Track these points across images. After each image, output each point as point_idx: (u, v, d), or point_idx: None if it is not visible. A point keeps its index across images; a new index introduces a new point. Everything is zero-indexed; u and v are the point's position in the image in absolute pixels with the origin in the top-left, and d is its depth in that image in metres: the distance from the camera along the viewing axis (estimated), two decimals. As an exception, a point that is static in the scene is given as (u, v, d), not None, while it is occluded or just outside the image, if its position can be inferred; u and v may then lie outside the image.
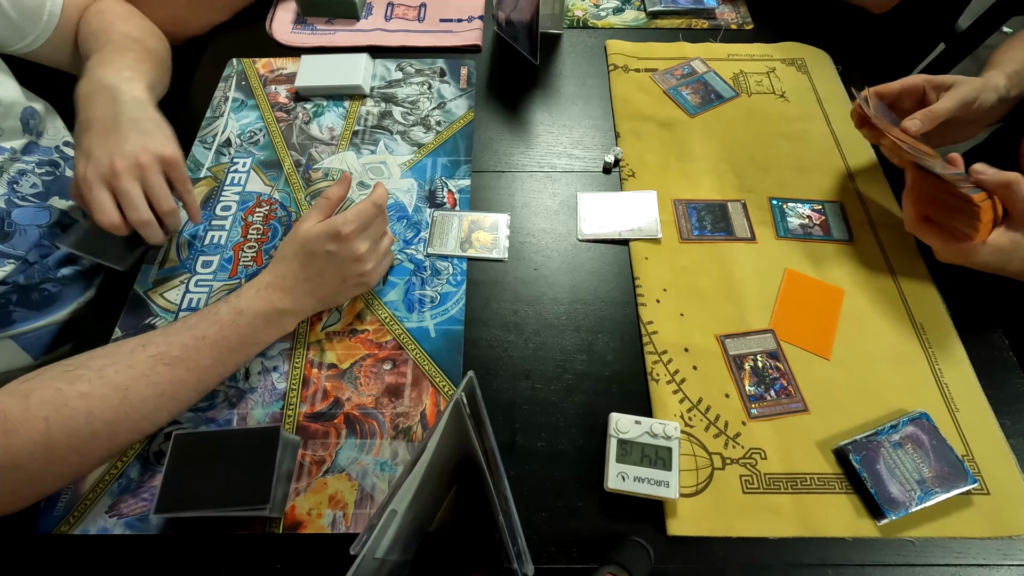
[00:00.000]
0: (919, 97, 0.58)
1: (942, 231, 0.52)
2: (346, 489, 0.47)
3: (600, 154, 0.68)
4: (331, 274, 0.50)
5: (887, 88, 0.59)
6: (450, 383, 0.52)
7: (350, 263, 0.50)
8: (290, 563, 0.44)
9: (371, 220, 0.50)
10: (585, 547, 0.45)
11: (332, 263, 0.49)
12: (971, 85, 0.56)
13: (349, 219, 0.48)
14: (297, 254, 0.49)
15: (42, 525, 0.45)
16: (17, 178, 0.55)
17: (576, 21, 0.82)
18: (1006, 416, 0.50)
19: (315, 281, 0.50)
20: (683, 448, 0.48)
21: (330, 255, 0.49)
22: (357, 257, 0.50)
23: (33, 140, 0.58)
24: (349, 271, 0.50)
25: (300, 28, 0.80)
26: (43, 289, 0.57)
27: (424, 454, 0.33)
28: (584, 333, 0.55)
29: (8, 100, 0.55)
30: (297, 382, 0.52)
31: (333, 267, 0.50)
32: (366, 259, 0.51)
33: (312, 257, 0.49)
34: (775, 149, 0.67)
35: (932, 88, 0.57)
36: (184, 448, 0.44)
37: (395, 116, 0.71)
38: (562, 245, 0.61)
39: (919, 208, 0.54)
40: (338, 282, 0.51)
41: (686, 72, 0.75)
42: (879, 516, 0.45)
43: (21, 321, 0.56)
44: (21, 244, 0.54)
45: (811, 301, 0.56)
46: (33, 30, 0.58)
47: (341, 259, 0.49)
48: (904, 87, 0.58)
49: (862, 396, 0.51)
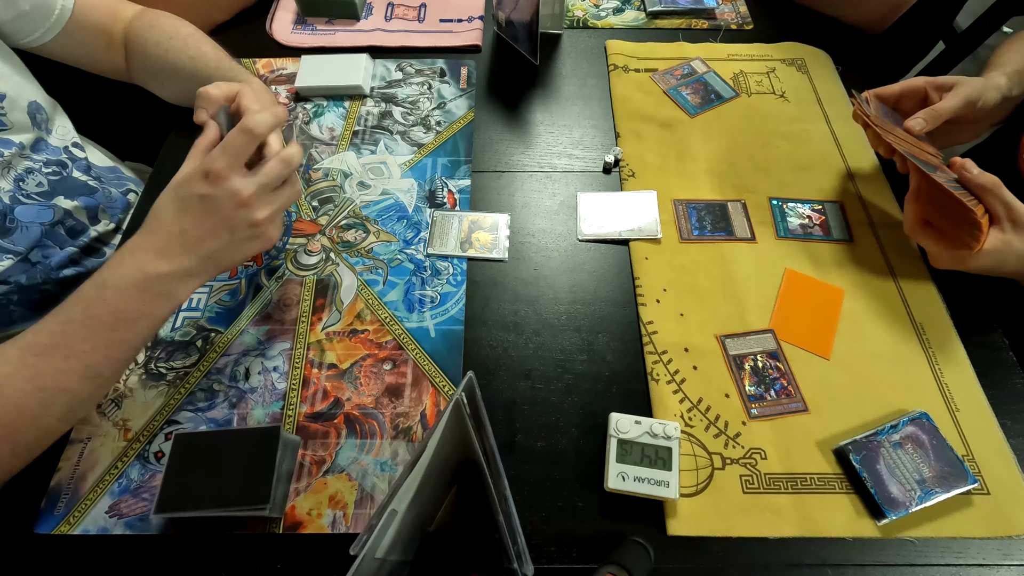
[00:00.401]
0: (920, 99, 0.58)
1: (941, 237, 0.52)
2: (346, 489, 0.47)
3: (600, 154, 0.68)
4: (213, 224, 0.42)
5: (887, 90, 0.59)
6: (450, 383, 0.52)
7: (232, 209, 0.42)
8: (290, 563, 0.44)
9: (244, 151, 0.42)
10: (585, 547, 0.45)
11: (210, 210, 0.42)
12: (974, 84, 0.56)
13: (216, 154, 0.41)
14: (166, 206, 0.42)
15: (42, 525, 0.45)
16: (24, 176, 0.55)
17: (576, 21, 0.82)
18: (1006, 416, 0.50)
19: (192, 235, 0.42)
20: (683, 448, 0.48)
21: (204, 200, 0.41)
22: (240, 201, 0.42)
23: (42, 136, 0.58)
24: (236, 220, 0.43)
25: (300, 28, 0.80)
26: (44, 290, 0.57)
27: (424, 454, 0.33)
28: (584, 333, 0.55)
29: (13, 93, 0.55)
30: (297, 382, 0.52)
31: (213, 216, 0.42)
32: (253, 204, 0.43)
33: (184, 206, 0.42)
34: (775, 149, 0.67)
35: (934, 89, 0.57)
36: (184, 448, 0.44)
37: (395, 116, 0.71)
38: (562, 245, 0.61)
39: (921, 212, 0.54)
40: (225, 234, 0.43)
41: (686, 72, 0.75)
42: (879, 516, 0.45)
43: (21, 321, 0.56)
44: (21, 241, 0.54)
45: (811, 301, 0.56)
46: (44, 23, 0.57)
47: (219, 204, 0.42)
48: (905, 89, 0.58)
49: (862, 396, 0.51)
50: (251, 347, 0.54)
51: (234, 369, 0.52)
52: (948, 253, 0.51)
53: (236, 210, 0.42)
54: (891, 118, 0.57)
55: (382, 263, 0.59)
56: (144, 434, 0.49)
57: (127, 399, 0.51)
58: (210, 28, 0.79)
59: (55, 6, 0.57)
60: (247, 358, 0.53)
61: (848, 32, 0.79)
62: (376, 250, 0.60)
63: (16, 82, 0.57)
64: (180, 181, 0.42)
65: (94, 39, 0.62)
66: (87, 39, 0.62)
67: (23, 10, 0.55)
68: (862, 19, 0.78)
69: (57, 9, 0.57)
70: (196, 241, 0.42)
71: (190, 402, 0.51)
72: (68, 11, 0.58)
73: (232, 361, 0.53)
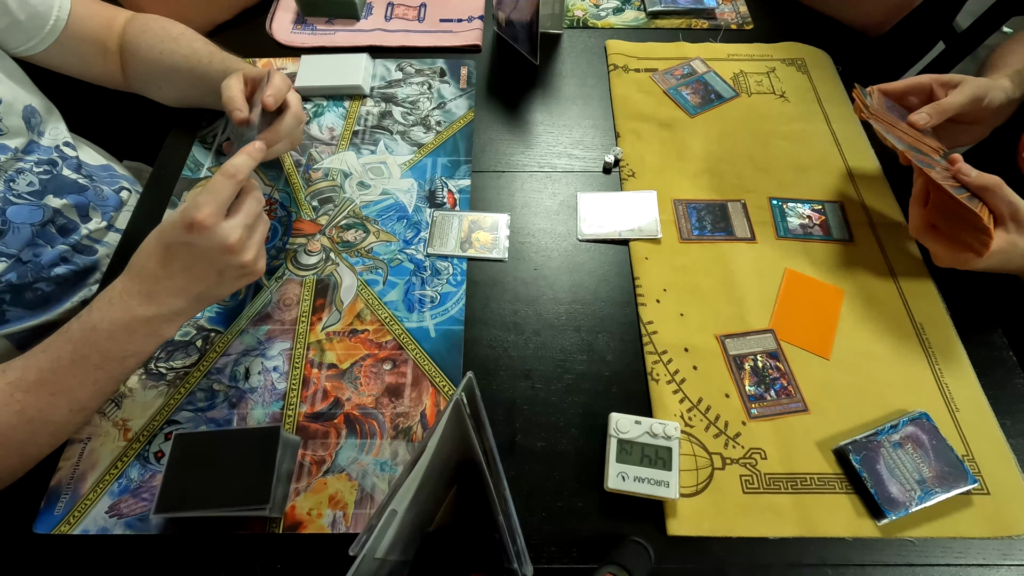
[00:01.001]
0: (926, 96, 0.58)
1: (947, 239, 0.52)
2: (346, 489, 0.47)
3: (600, 154, 0.68)
4: (201, 270, 0.43)
5: (893, 86, 0.59)
6: (450, 383, 0.52)
7: (220, 255, 0.43)
8: (290, 563, 0.44)
9: (228, 197, 0.43)
10: (585, 547, 0.44)
11: (196, 257, 0.43)
12: (980, 83, 0.56)
13: (200, 202, 0.41)
14: (152, 252, 0.43)
15: (42, 525, 0.45)
16: (14, 176, 0.55)
17: (576, 21, 0.82)
18: (1006, 416, 0.50)
19: (180, 279, 0.43)
20: (683, 448, 0.48)
21: (190, 248, 0.42)
22: (227, 248, 0.42)
23: (34, 139, 0.58)
24: (224, 263, 0.44)
25: (300, 28, 0.80)
26: (37, 288, 0.57)
27: (424, 454, 0.33)
28: (584, 333, 0.55)
29: (9, 98, 0.55)
30: (297, 382, 0.52)
31: (200, 262, 0.43)
32: (240, 249, 0.43)
33: (169, 252, 0.43)
34: (775, 149, 0.67)
35: (940, 86, 0.57)
36: (184, 448, 0.44)
37: (395, 116, 0.71)
38: (562, 245, 0.61)
39: (926, 216, 0.54)
40: (214, 276, 0.44)
41: (686, 72, 0.75)
42: (879, 516, 0.45)
43: (15, 320, 0.56)
44: (14, 242, 0.54)
45: (811, 301, 0.56)
46: (38, 33, 0.57)
47: (205, 251, 0.42)
48: (910, 85, 0.58)
49: (862, 396, 0.51)
50: (251, 347, 0.54)
51: (234, 369, 0.52)
52: (953, 255, 0.51)
53: (223, 255, 0.43)
54: (896, 112, 0.57)
55: (382, 263, 0.59)
56: (144, 434, 0.49)
57: (127, 399, 0.51)
58: (210, 28, 0.79)
59: (50, 16, 0.57)
60: (247, 358, 0.53)
61: (848, 32, 0.79)
62: (376, 250, 0.60)
63: (11, 87, 0.57)
64: (166, 227, 0.43)
65: (89, 49, 0.62)
66: (82, 49, 0.62)
67: (18, 19, 0.55)
68: (863, 21, 0.78)
69: (52, 19, 0.58)
70: (184, 285, 0.44)
71: (190, 402, 0.51)
72: (63, 21, 0.58)
73: (232, 361, 0.53)
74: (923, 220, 0.54)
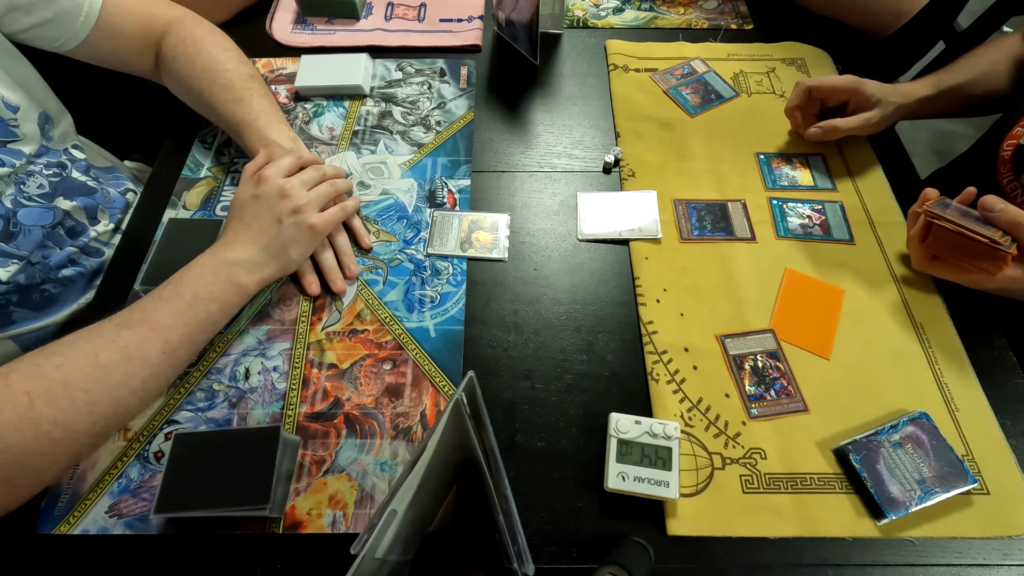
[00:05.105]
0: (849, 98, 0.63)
1: (954, 267, 0.52)
2: (346, 489, 0.47)
3: (600, 154, 0.68)
4: (265, 217, 0.52)
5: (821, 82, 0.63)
6: (450, 383, 0.52)
7: (277, 200, 0.52)
8: (290, 563, 0.44)
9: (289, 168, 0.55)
10: (585, 547, 0.45)
11: (260, 205, 0.52)
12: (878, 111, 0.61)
13: (256, 160, 0.55)
14: (233, 209, 0.54)
15: (42, 525, 0.45)
16: (24, 179, 0.55)
17: (576, 21, 0.82)
18: (1006, 416, 0.50)
19: (253, 228, 0.52)
20: (683, 448, 0.48)
21: (256, 198, 0.52)
22: (282, 193, 0.52)
23: (44, 142, 0.58)
24: (280, 209, 0.52)
25: (300, 28, 0.80)
26: (44, 290, 0.57)
27: (424, 454, 0.33)
28: (584, 333, 0.55)
29: (26, 104, 0.55)
30: (297, 382, 0.52)
31: (264, 209, 0.52)
32: (293, 194, 0.53)
33: (242, 206, 0.53)
34: (775, 149, 0.67)
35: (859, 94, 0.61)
36: (184, 448, 0.44)
37: (395, 116, 0.71)
38: (562, 245, 0.61)
39: (928, 252, 0.54)
40: (274, 224, 0.52)
41: (686, 72, 0.75)
42: (879, 516, 0.45)
43: (21, 321, 0.56)
44: (25, 245, 0.54)
45: (811, 301, 0.56)
46: (69, 29, 0.57)
47: (267, 198, 0.52)
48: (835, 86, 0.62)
49: (862, 396, 0.51)
50: (251, 347, 0.54)
51: (234, 369, 0.52)
52: (963, 277, 0.52)
53: (279, 201, 0.52)
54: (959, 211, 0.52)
55: (382, 263, 0.59)
56: (144, 434, 0.49)
57: (127, 399, 0.51)
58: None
59: (80, 12, 0.57)
60: (247, 358, 0.53)
61: (848, 32, 0.79)
62: (376, 250, 0.60)
63: (30, 92, 0.57)
64: (238, 190, 0.54)
65: (122, 44, 0.62)
66: (114, 45, 0.61)
67: (47, 17, 0.55)
68: (868, 26, 0.78)
69: (82, 15, 0.57)
70: (256, 234, 0.52)
71: (190, 402, 0.51)
72: (94, 18, 0.58)
73: (232, 361, 0.53)
74: (924, 255, 0.54)
